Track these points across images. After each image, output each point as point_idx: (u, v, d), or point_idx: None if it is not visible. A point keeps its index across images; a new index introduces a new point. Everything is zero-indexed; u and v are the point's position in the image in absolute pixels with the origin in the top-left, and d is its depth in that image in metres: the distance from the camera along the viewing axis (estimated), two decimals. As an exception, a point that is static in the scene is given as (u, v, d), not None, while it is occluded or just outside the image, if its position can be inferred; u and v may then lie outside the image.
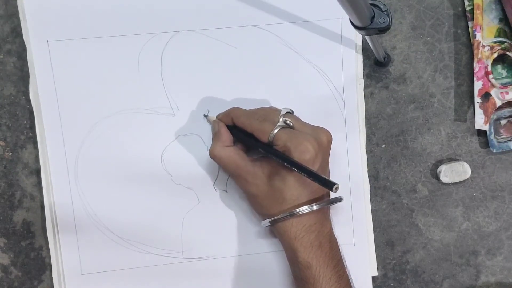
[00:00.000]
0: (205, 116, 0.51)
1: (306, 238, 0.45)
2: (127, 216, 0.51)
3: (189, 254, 0.52)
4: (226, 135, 0.48)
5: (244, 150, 0.48)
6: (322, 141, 0.45)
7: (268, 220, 0.46)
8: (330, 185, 0.41)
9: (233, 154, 0.47)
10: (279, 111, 0.46)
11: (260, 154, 0.48)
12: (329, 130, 0.46)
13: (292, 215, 0.45)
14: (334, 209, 0.51)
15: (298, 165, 0.43)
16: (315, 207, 0.45)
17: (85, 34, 0.49)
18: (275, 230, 0.48)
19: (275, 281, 0.52)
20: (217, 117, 0.50)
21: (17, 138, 0.51)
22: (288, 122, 0.45)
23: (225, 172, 0.50)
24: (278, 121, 0.45)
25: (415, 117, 0.54)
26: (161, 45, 0.50)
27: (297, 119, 0.47)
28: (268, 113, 0.46)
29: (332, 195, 0.47)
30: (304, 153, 0.43)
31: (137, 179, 0.51)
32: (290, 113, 0.47)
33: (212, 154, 0.47)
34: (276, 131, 0.44)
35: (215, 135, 0.48)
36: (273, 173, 0.46)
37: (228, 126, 0.48)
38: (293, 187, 0.45)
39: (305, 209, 0.44)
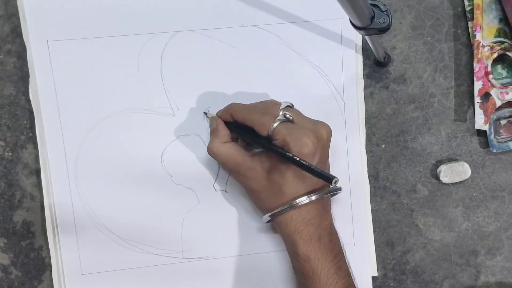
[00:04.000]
0: (205, 113, 0.51)
1: (305, 231, 0.45)
2: (127, 216, 0.51)
3: (189, 254, 0.52)
4: (224, 131, 0.48)
5: (244, 146, 0.48)
6: (322, 135, 0.45)
7: (268, 214, 0.46)
8: (329, 179, 0.41)
9: (232, 150, 0.47)
10: (279, 104, 0.46)
11: (260, 150, 0.48)
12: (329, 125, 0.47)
13: (292, 206, 0.45)
14: (334, 209, 0.51)
15: (296, 159, 0.43)
16: (313, 197, 0.45)
17: (85, 34, 0.49)
18: (275, 225, 0.48)
19: (275, 281, 0.52)
20: (216, 114, 0.50)
21: (17, 138, 0.51)
22: (288, 116, 0.45)
23: (224, 168, 0.50)
24: (278, 115, 0.45)
25: (415, 117, 0.54)
26: (161, 45, 0.50)
27: (298, 113, 0.47)
28: (268, 107, 0.46)
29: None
30: (302, 148, 0.43)
31: (137, 179, 0.51)
32: (290, 107, 0.47)
33: (210, 151, 0.47)
34: (275, 125, 0.44)
35: (213, 132, 0.48)
36: (272, 168, 0.46)
37: (227, 123, 0.48)
38: (291, 181, 0.45)
39: (304, 199, 0.45)
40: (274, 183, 0.45)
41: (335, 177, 0.41)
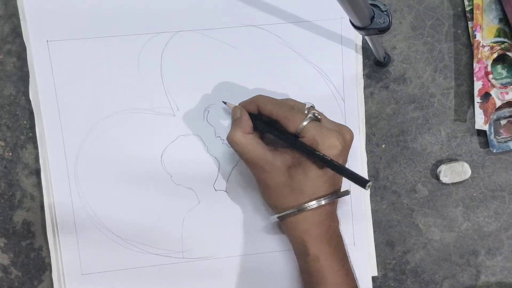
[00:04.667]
0: (224, 102, 0.50)
1: (315, 232, 0.45)
2: (127, 216, 0.51)
3: (189, 254, 0.52)
4: (248, 122, 0.47)
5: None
6: (346, 138, 0.45)
7: (277, 216, 0.46)
8: (362, 182, 0.41)
9: (253, 142, 0.46)
10: (304, 104, 0.46)
11: (277, 145, 0.47)
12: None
13: (302, 210, 0.44)
14: (334, 209, 0.51)
15: (327, 159, 0.43)
16: (323, 202, 0.45)
17: (85, 34, 0.49)
18: (283, 225, 0.48)
19: (276, 281, 0.52)
20: (240, 104, 0.49)
21: (17, 138, 0.51)
22: (316, 115, 0.45)
23: (242, 159, 0.48)
24: (308, 113, 0.45)
25: (415, 117, 0.54)
26: (161, 45, 0.50)
27: (322, 114, 0.47)
28: (295, 104, 0.46)
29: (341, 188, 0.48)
30: (331, 149, 0.43)
31: (137, 179, 0.51)
32: (313, 107, 0.47)
33: (231, 140, 0.46)
34: (306, 122, 0.44)
35: (236, 121, 0.47)
36: (294, 164, 0.45)
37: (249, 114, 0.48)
38: (313, 180, 0.44)
39: (313, 204, 0.44)
40: (295, 180, 0.45)
41: (369, 180, 0.41)
